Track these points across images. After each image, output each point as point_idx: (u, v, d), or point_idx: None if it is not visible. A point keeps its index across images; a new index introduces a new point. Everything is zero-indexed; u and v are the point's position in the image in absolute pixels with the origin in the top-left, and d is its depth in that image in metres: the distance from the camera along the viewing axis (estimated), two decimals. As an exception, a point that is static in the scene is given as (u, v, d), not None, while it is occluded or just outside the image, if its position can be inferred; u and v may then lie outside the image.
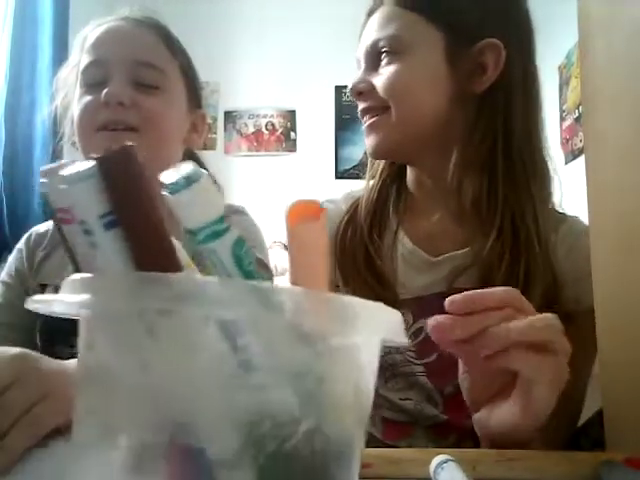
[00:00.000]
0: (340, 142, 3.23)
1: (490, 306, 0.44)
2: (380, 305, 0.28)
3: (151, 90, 0.80)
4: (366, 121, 0.75)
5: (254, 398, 0.23)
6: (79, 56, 0.84)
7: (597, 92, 0.56)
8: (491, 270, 0.69)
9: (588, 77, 0.57)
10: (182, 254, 0.28)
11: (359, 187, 0.84)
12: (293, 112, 3.27)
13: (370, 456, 0.41)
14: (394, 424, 0.73)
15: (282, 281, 0.28)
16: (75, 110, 0.81)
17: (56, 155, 1.48)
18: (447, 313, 0.51)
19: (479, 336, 0.43)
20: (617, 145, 0.53)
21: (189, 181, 0.25)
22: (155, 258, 0.26)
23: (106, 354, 0.25)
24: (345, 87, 3.27)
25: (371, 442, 0.72)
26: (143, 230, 0.26)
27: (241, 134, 3.27)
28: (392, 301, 0.72)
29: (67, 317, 0.26)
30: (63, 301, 0.24)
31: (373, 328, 0.26)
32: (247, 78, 3.23)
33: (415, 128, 0.72)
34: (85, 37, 0.83)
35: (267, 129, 3.28)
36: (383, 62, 0.73)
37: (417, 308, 0.73)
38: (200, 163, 0.99)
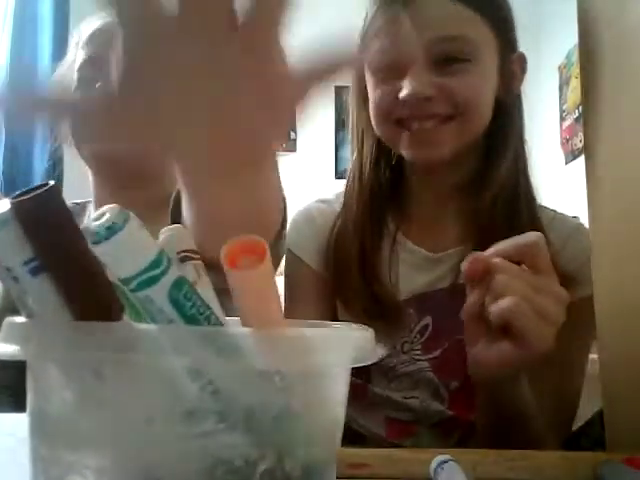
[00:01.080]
0: (340, 142, 3.23)
1: (506, 255, 0.49)
2: (343, 329, 0.28)
3: None
4: (421, 128, 0.68)
5: (205, 444, 0.23)
6: (75, 52, 0.83)
7: (597, 92, 0.56)
8: None
9: (588, 77, 0.57)
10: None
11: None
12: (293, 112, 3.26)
13: (368, 456, 0.41)
14: (398, 423, 0.74)
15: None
16: None
17: (56, 154, 1.48)
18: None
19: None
20: (617, 145, 0.53)
21: (111, 231, 0.22)
22: (90, 303, 0.24)
23: (50, 400, 0.25)
24: (345, 87, 3.26)
25: (374, 441, 0.73)
26: (72, 274, 0.24)
27: (241, 134, 3.27)
28: (390, 304, 0.72)
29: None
30: None
31: (337, 354, 0.26)
32: (247, 78, 3.22)
33: (475, 135, 0.71)
34: (80, 34, 0.83)
35: (267, 129, 3.28)
36: (454, 66, 0.67)
37: (421, 305, 0.73)
38: None
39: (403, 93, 0.67)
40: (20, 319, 0.25)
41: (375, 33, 0.70)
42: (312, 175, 3.10)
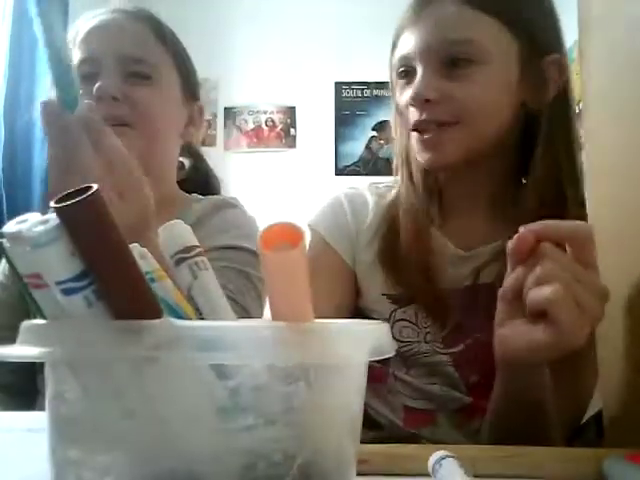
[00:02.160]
0: (340, 138, 3.23)
1: (556, 236, 0.48)
2: (362, 323, 0.29)
3: (142, 81, 0.79)
4: (429, 132, 0.68)
5: (245, 440, 0.23)
6: (71, 49, 0.83)
7: (596, 89, 0.56)
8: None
9: (587, 74, 0.57)
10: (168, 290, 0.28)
11: (387, 182, 0.83)
12: (293, 108, 3.26)
13: (367, 452, 0.41)
14: (416, 412, 0.73)
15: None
16: None
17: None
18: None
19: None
20: (616, 141, 0.53)
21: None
22: (135, 306, 0.24)
23: (82, 402, 0.24)
24: (345, 84, 3.27)
25: (392, 430, 0.73)
26: (116, 275, 0.24)
27: (241, 130, 3.27)
28: (434, 293, 0.72)
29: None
30: (25, 354, 0.23)
31: (358, 348, 0.26)
32: (247, 74, 3.22)
33: (484, 140, 0.69)
34: (77, 31, 0.83)
35: (267, 125, 3.28)
36: (460, 70, 0.67)
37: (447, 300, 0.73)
38: (200, 158, 0.98)
39: (409, 95, 0.68)
40: (41, 321, 0.25)
41: (401, 33, 0.71)
42: (312, 171, 3.10)
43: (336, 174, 3.19)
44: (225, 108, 3.24)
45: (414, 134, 0.70)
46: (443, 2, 0.68)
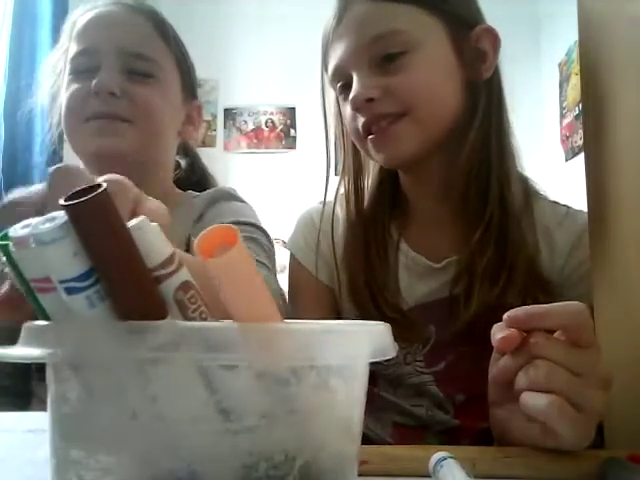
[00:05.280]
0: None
1: (547, 327, 0.42)
2: (364, 324, 0.28)
3: (143, 79, 0.78)
4: (380, 131, 0.68)
5: (247, 441, 0.23)
6: (67, 42, 0.81)
7: (597, 89, 0.56)
8: (474, 269, 0.67)
9: (588, 74, 0.57)
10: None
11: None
12: (293, 109, 3.26)
13: (368, 453, 0.41)
14: (405, 428, 0.73)
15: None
16: (63, 98, 0.78)
17: (55, 152, 1.48)
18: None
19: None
20: (617, 142, 0.53)
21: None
22: (141, 306, 0.24)
23: (84, 402, 0.24)
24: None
25: (382, 445, 0.72)
26: (126, 279, 0.24)
27: (241, 131, 3.27)
28: (395, 310, 0.70)
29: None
30: (26, 355, 0.23)
31: (359, 349, 0.26)
32: (247, 75, 3.22)
33: (438, 128, 0.68)
34: (74, 22, 0.81)
35: (267, 126, 3.28)
36: (394, 63, 0.66)
37: (423, 315, 0.71)
38: (197, 158, 0.98)
39: (349, 97, 0.68)
40: (43, 322, 0.25)
41: (329, 47, 0.72)
42: (312, 172, 3.10)
43: (336, 175, 3.19)
44: (225, 109, 3.24)
45: (367, 137, 0.69)
46: (358, 3, 0.68)
